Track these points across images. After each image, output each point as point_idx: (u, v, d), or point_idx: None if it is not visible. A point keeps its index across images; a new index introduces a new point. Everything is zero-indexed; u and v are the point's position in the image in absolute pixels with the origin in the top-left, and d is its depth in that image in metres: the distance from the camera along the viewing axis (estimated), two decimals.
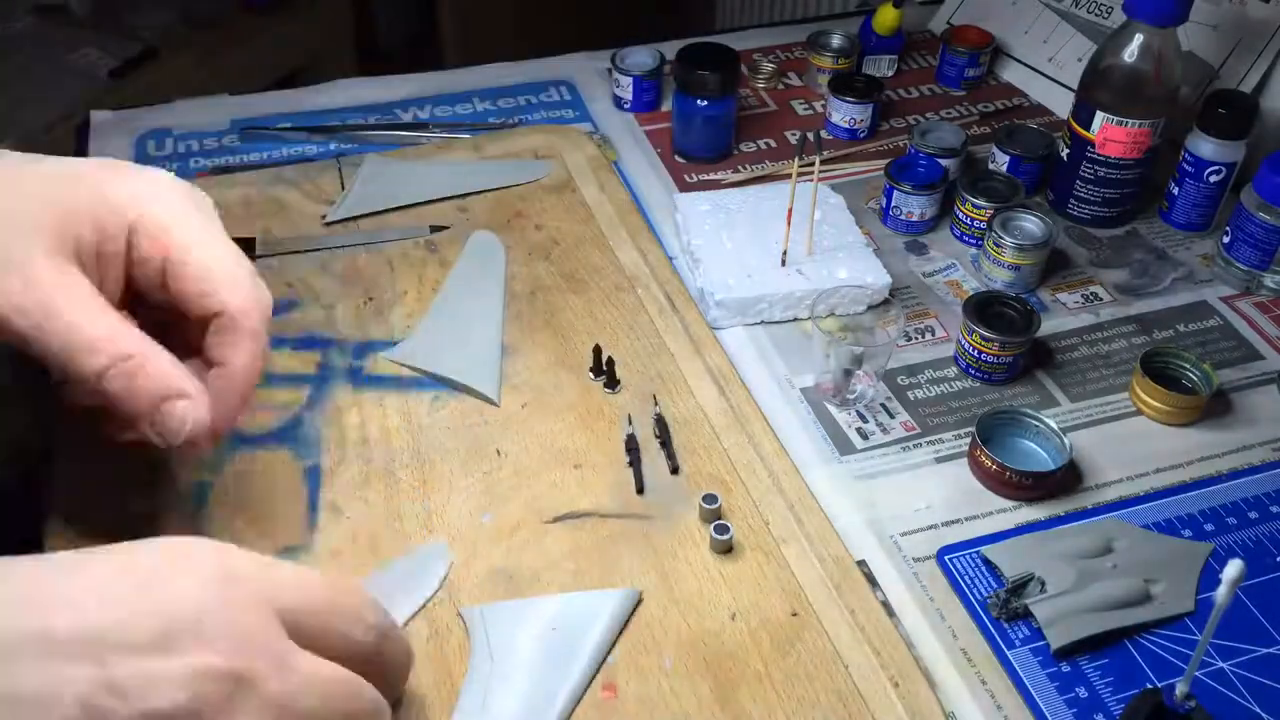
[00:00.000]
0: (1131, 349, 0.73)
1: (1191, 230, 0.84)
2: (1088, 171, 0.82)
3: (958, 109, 0.97)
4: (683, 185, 0.87)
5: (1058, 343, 0.74)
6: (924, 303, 0.77)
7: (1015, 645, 0.55)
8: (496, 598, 0.56)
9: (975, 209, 0.79)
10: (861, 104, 0.90)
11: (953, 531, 0.61)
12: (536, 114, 0.95)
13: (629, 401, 0.66)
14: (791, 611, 0.56)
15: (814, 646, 0.54)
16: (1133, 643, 0.56)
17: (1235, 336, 0.75)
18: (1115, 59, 0.78)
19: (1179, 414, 0.68)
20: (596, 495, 0.61)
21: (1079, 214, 0.84)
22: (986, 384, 0.70)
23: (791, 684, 0.53)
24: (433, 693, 0.52)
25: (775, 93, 0.99)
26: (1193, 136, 0.80)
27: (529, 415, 0.66)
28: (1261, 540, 0.61)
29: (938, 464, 0.65)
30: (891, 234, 0.83)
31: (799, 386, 0.70)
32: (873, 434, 0.67)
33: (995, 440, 0.65)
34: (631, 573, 0.57)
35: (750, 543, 0.59)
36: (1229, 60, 0.88)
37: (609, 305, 0.73)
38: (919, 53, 1.05)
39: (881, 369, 0.69)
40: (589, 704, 0.51)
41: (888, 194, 0.82)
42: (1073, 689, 0.53)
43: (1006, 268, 0.76)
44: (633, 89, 0.94)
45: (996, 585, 0.58)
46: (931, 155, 0.83)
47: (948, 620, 0.57)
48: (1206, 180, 0.80)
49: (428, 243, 0.78)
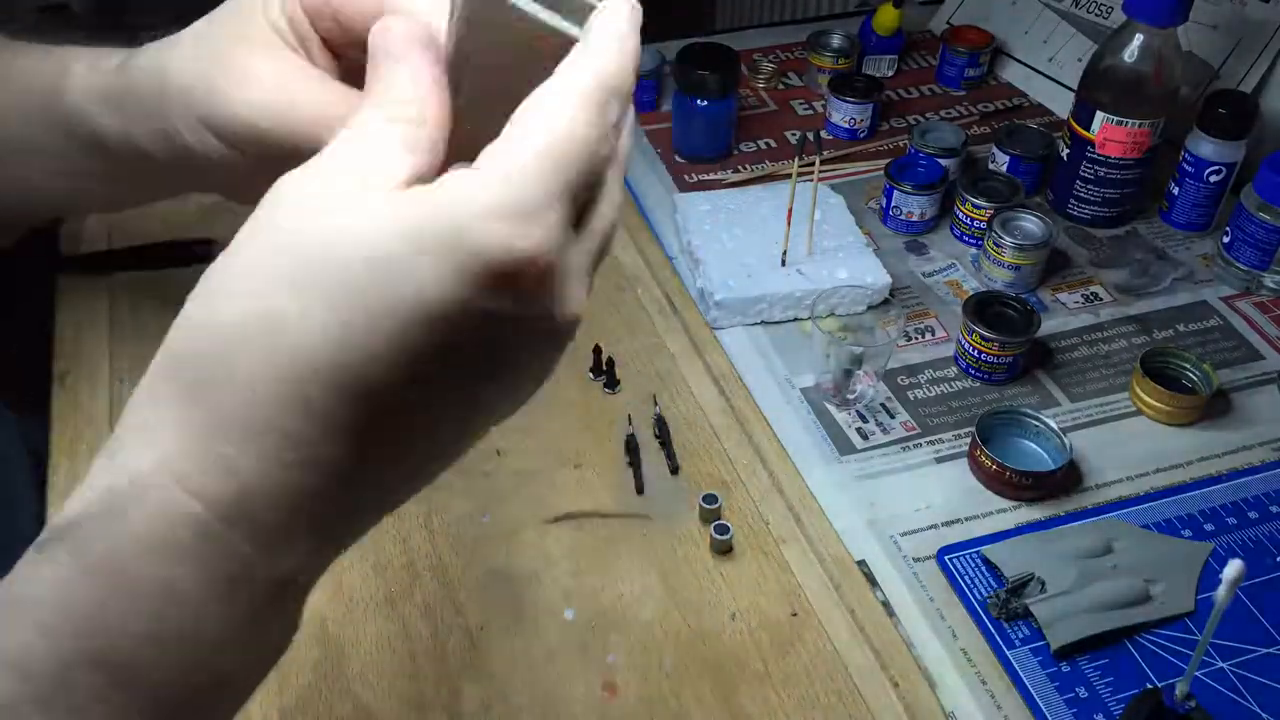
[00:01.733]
0: (1131, 349, 0.73)
1: (1191, 230, 0.83)
2: (1088, 171, 0.81)
3: (958, 109, 0.97)
4: (683, 185, 0.87)
5: (1058, 343, 0.74)
6: (924, 303, 0.77)
7: (1015, 645, 0.55)
8: (496, 598, 0.56)
9: (975, 209, 0.79)
10: (861, 104, 0.90)
11: (953, 531, 0.61)
12: None
13: (629, 401, 0.66)
14: (791, 611, 0.56)
15: (814, 646, 0.54)
16: (1133, 643, 0.56)
17: (1235, 336, 0.75)
18: (1115, 59, 0.78)
19: (1179, 414, 0.68)
20: (596, 495, 0.61)
21: (1079, 214, 0.84)
22: (986, 384, 0.70)
23: (791, 684, 0.53)
24: (432, 692, 0.52)
25: (775, 93, 0.99)
26: (1193, 136, 0.80)
27: (529, 415, 0.65)
28: (1261, 540, 0.61)
29: (938, 464, 0.65)
30: (891, 234, 0.83)
31: (799, 386, 0.70)
32: (873, 434, 0.67)
33: (995, 440, 0.65)
34: (631, 573, 0.57)
35: (750, 543, 0.59)
36: (1229, 60, 0.88)
37: (609, 305, 0.73)
38: (919, 53, 1.05)
39: (881, 369, 0.69)
40: (589, 704, 0.52)
41: (888, 194, 0.82)
42: (1073, 689, 0.53)
43: (1006, 268, 0.76)
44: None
45: (996, 585, 0.58)
46: (931, 155, 0.83)
47: (948, 620, 0.57)
48: (1206, 180, 0.80)
49: None
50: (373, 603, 0.55)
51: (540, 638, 0.54)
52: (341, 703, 0.51)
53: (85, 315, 0.71)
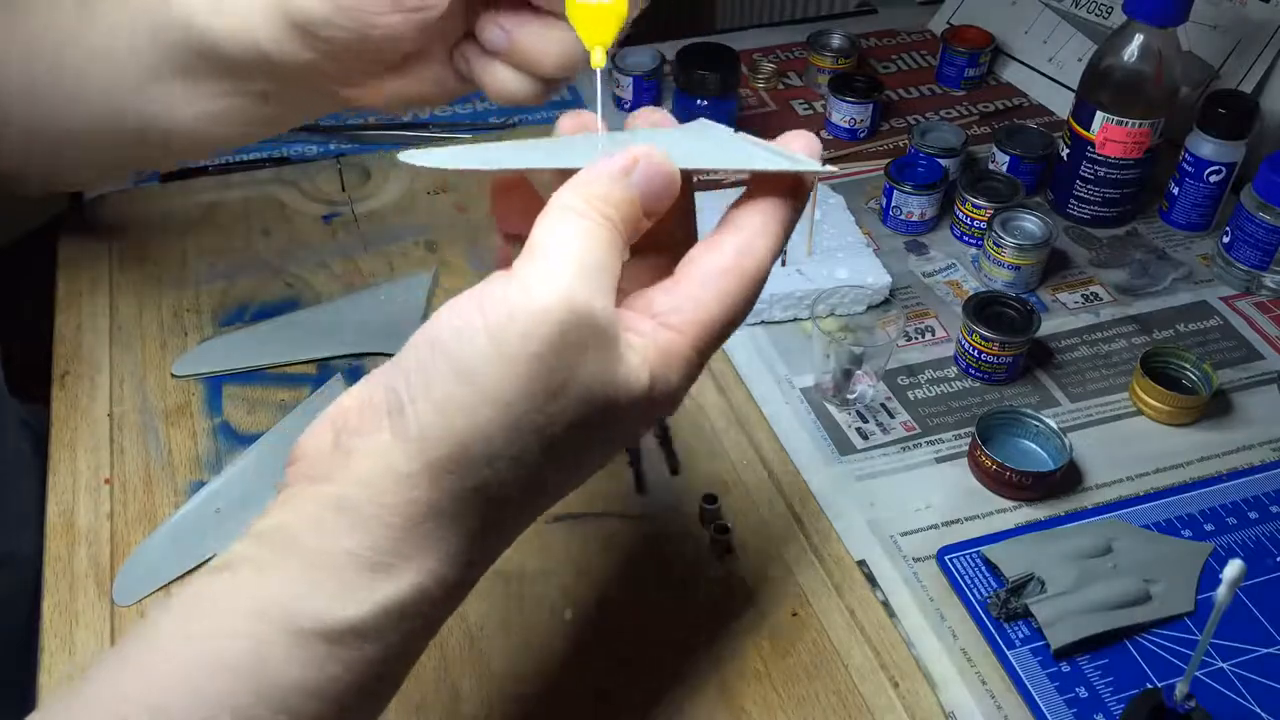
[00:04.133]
0: (1131, 349, 0.73)
1: (1191, 230, 0.83)
2: (1088, 171, 0.81)
3: (958, 109, 0.97)
4: None
5: (1058, 343, 0.74)
6: (924, 303, 0.77)
7: (1015, 645, 0.55)
8: (496, 598, 0.56)
9: (975, 209, 0.79)
10: (861, 104, 0.90)
11: (953, 531, 0.61)
12: (536, 114, 0.95)
13: None
14: (791, 611, 0.56)
15: (814, 646, 0.54)
16: (1133, 643, 0.56)
17: (1235, 336, 0.75)
18: (1115, 59, 0.78)
19: (1179, 414, 0.68)
20: (596, 495, 0.61)
21: (1079, 214, 0.84)
22: (986, 384, 0.70)
23: (791, 684, 0.53)
24: (432, 692, 0.52)
25: (775, 93, 0.99)
26: (1193, 136, 0.80)
27: None
28: (1261, 540, 0.61)
29: (938, 464, 0.65)
30: (891, 234, 0.83)
31: (799, 386, 0.70)
32: (873, 434, 0.67)
33: (995, 440, 0.65)
34: (631, 573, 0.57)
35: (750, 543, 0.59)
36: (1229, 60, 0.88)
37: None
38: (919, 52, 1.05)
39: (881, 369, 0.69)
40: (589, 704, 0.52)
41: (888, 194, 0.82)
42: (1073, 689, 0.53)
43: (1006, 268, 0.76)
44: (633, 89, 0.94)
45: (996, 585, 0.58)
46: (931, 155, 0.83)
47: (948, 620, 0.57)
48: (1206, 180, 0.80)
49: (428, 243, 0.78)
50: None
51: (540, 638, 0.54)
52: None
53: (85, 315, 0.71)
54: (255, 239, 0.77)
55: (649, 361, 0.35)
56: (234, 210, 0.79)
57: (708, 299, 0.36)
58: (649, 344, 0.35)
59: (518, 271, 0.33)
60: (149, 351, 0.69)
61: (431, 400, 0.32)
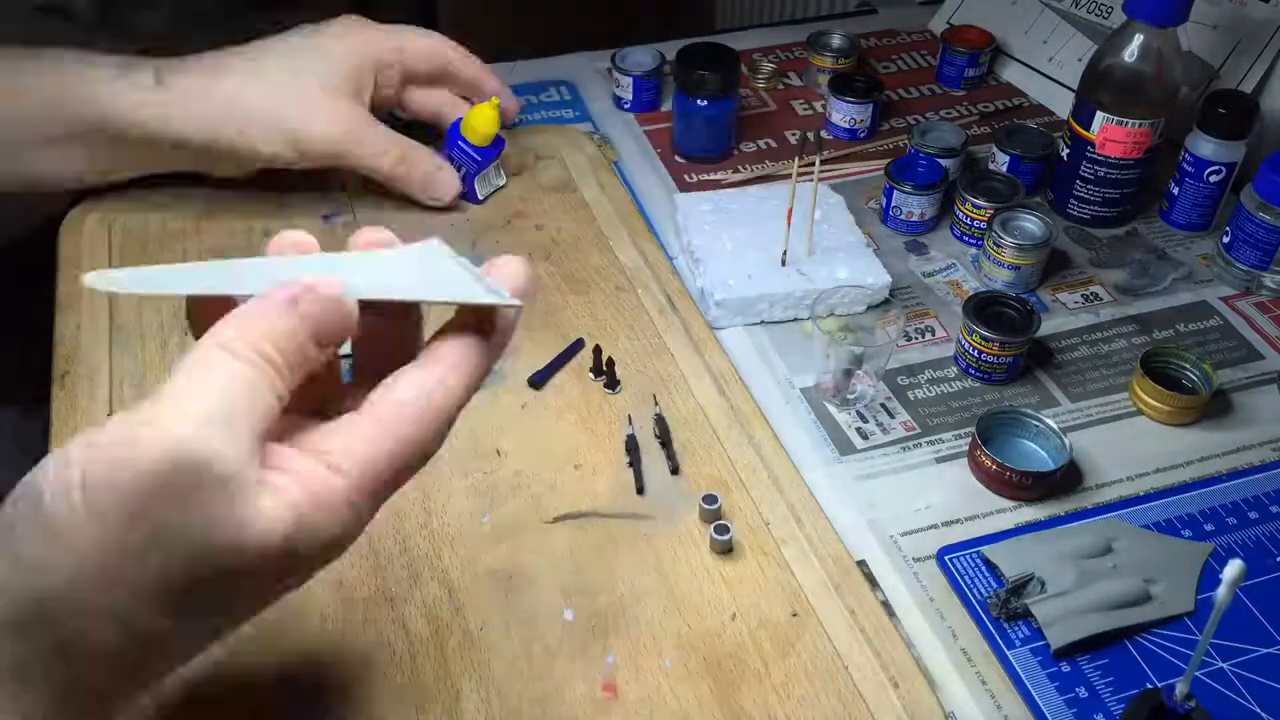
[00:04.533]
0: (1131, 349, 0.73)
1: (1191, 230, 0.83)
2: (1088, 171, 0.81)
3: (958, 109, 0.97)
4: (683, 185, 0.87)
5: (1058, 343, 0.74)
6: (924, 303, 0.77)
7: (1015, 645, 0.55)
8: (496, 598, 0.56)
9: (975, 209, 0.79)
10: (861, 104, 0.90)
11: (953, 531, 0.61)
12: (536, 114, 0.95)
13: (629, 401, 0.66)
14: (791, 612, 0.56)
15: (814, 647, 0.54)
16: (1133, 643, 0.56)
17: (1235, 336, 0.75)
18: (1115, 59, 0.78)
19: (1179, 414, 0.68)
20: (596, 495, 0.61)
21: (1079, 214, 0.84)
22: (986, 384, 0.70)
23: (791, 684, 0.53)
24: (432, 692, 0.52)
25: (775, 93, 0.99)
26: (1193, 136, 0.80)
27: (529, 415, 0.66)
28: (1261, 540, 0.61)
29: (938, 464, 0.65)
30: (891, 234, 0.83)
31: (799, 386, 0.70)
32: (873, 434, 0.67)
33: (995, 440, 0.65)
34: (631, 573, 0.57)
35: (750, 543, 0.59)
36: (1229, 60, 0.88)
37: (609, 305, 0.73)
38: (919, 52, 1.05)
39: (881, 369, 0.69)
40: (589, 704, 0.52)
41: (888, 194, 0.82)
42: (1073, 689, 0.53)
43: (1006, 268, 0.76)
44: (633, 89, 0.94)
45: (996, 585, 0.58)
46: (931, 155, 0.83)
47: (948, 620, 0.57)
48: (1206, 180, 0.80)
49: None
50: (373, 603, 0.55)
51: (540, 638, 0.54)
52: (341, 703, 0.51)
53: (85, 315, 0.71)
54: (255, 239, 0.77)
55: (292, 505, 0.33)
56: (234, 210, 0.79)
57: (382, 438, 0.35)
58: (293, 486, 0.33)
59: (135, 416, 0.32)
60: (149, 351, 0.69)
61: (13, 555, 0.32)
